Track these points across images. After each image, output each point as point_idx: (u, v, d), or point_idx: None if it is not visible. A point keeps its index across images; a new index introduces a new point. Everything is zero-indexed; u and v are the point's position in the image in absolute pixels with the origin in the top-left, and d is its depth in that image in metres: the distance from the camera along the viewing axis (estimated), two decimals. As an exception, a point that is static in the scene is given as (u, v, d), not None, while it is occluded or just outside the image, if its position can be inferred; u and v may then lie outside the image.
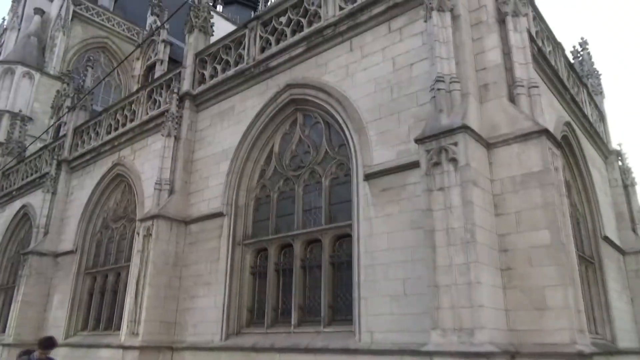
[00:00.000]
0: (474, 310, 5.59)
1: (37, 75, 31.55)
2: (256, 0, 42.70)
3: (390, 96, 8.21)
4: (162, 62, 15.50)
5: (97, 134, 15.72)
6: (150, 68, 16.49)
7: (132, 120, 14.35)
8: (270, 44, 10.75)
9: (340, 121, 8.88)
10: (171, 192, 11.21)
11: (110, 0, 39.42)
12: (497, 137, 6.74)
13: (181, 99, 12.04)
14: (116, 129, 14.96)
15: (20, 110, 24.85)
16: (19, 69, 31.18)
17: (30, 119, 25.13)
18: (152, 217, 10.70)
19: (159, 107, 13.39)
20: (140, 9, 41.20)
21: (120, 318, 12.39)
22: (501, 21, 7.49)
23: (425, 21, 7.55)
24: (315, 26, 9.73)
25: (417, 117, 7.76)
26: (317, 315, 8.43)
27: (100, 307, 13.52)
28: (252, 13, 40.90)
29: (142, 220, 10.96)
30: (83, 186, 15.60)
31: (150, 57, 16.28)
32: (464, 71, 6.99)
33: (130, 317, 10.20)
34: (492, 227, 6.30)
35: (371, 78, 8.61)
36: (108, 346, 11.77)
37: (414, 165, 7.42)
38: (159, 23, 16.39)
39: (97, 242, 14.70)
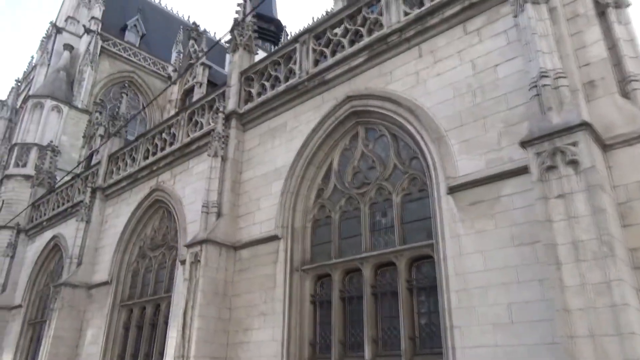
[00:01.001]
0: (624, 339, 4.60)
1: (65, 109, 31.74)
2: (277, 34, 43.18)
3: (472, 101, 7.44)
4: (201, 84, 15.08)
5: (134, 159, 15.19)
6: (188, 92, 16.08)
7: (171, 144, 13.79)
8: (325, 57, 10.15)
9: (413, 131, 8.10)
10: (219, 215, 10.45)
11: (136, 36, 40.17)
12: (614, 137, 5.87)
13: (227, 118, 11.44)
14: (154, 153, 14.41)
15: (51, 141, 24.64)
16: (48, 103, 31.41)
17: (59, 151, 24.85)
18: (201, 242, 9.91)
19: (201, 128, 12.82)
20: (165, 44, 41.92)
21: (160, 354, 11.48)
22: (601, 13, 6.74)
23: (515, 16, 6.85)
24: (377, 34, 9.11)
25: (507, 121, 6.96)
26: (396, 349, 7.44)
27: (138, 342, 12.60)
28: (273, 46, 41.24)
29: (189, 245, 10.16)
30: (118, 214, 14.96)
31: (188, 81, 15.87)
32: (568, 66, 6.20)
33: (178, 353, 9.27)
34: (623, 240, 5.36)
35: (447, 83, 7.87)
36: (149, 385, 10.80)
37: (510, 174, 6.61)
38: (196, 47, 16.08)
39: (133, 272, 13.92)
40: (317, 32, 10.58)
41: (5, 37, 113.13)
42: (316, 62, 10.34)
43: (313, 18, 37.90)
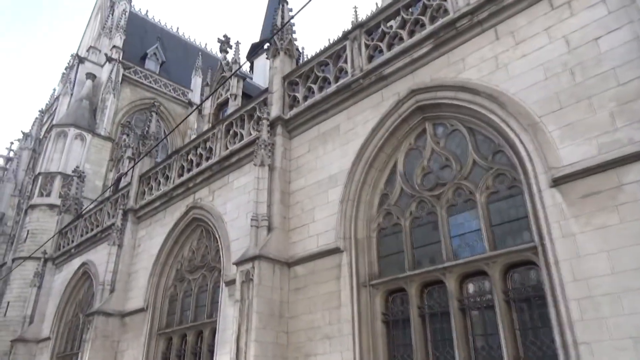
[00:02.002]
0: None
1: (88, 137, 31.52)
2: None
3: (571, 81, 6.48)
4: (235, 96, 14.39)
5: (167, 178, 14.42)
6: (222, 106, 15.39)
7: (208, 159, 13.00)
8: (381, 51, 9.33)
9: (496, 121, 7.14)
10: (269, 229, 9.51)
11: (156, 64, 40.34)
12: None
13: (271, 125, 10.61)
14: (189, 169, 13.62)
15: (77, 166, 24.15)
16: (72, 131, 31.23)
17: (85, 176, 24.32)
18: (252, 259, 8.95)
19: (241, 140, 12.02)
20: (184, 71, 41.99)
21: (206, 386, 10.42)
22: None
23: (623, -22, 5.93)
24: (443, 20, 8.27)
25: (619, 99, 5.98)
26: (497, 372, 6.31)
27: (180, 374, 11.56)
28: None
29: (239, 263, 9.20)
30: (152, 236, 14.11)
31: (221, 95, 15.20)
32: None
33: (233, 384, 8.21)
34: None
35: (536, 65, 6.94)
36: (196, 422, 9.72)
37: (632, 158, 5.59)
38: (228, 59, 15.47)
39: (170, 297, 12.96)
40: (369, 26, 9.79)
41: (26, 71, 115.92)
42: (370, 58, 9.52)
43: (329, 40, 37.51)
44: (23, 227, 29.18)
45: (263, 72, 36.35)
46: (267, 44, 11.90)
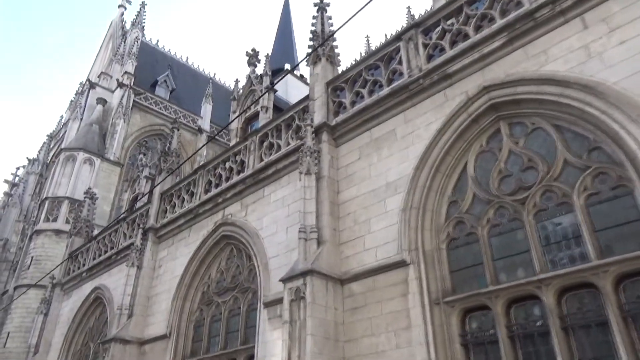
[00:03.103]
0: None
1: (97, 161, 30.84)
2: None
3: (688, 64, 5.74)
4: (267, 109, 13.70)
5: (192, 194, 13.55)
6: (250, 120, 14.69)
7: (239, 172, 12.17)
8: (442, 50, 8.65)
9: (595, 114, 6.37)
10: (318, 242, 8.58)
11: (166, 91, 40.18)
12: None
13: (316, 133, 9.83)
14: (217, 184, 12.79)
15: (89, 188, 23.28)
16: (80, 155, 30.54)
17: (97, 198, 23.41)
18: (303, 274, 7.99)
19: (278, 150, 11.23)
20: (193, 99, 41.82)
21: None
22: None
23: None
24: (518, 12, 7.61)
25: None
26: (619, 403, 5.29)
27: (208, 408, 10.37)
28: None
29: (287, 279, 8.23)
30: (175, 256, 13.12)
31: (250, 109, 14.53)
32: None
33: (284, 418, 7.11)
34: None
35: (637, 52, 6.21)
36: None
37: None
38: (257, 73, 14.89)
39: (196, 322, 11.87)
40: (427, 25, 9.16)
41: (33, 99, 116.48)
42: (429, 58, 8.84)
43: (367, 45, 37.44)
44: (27, 253, 28.09)
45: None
46: (310, 50, 11.23)
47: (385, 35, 32.04)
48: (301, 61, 10.28)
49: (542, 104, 7.09)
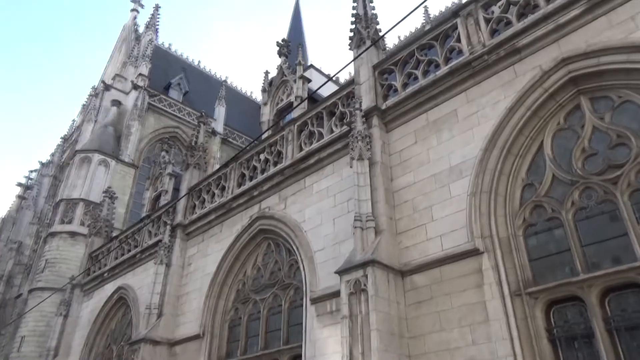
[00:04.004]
0: None
1: (112, 163, 30.46)
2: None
3: None
4: (301, 98, 13.11)
5: (223, 188, 12.96)
6: (281, 112, 14.13)
7: (276, 163, 11.57)
8: (508, 23, 8.04)
9: (702, 81, 5.71)
10: (376, 231, 7.94)
11: (179, 93, 39.92)
12: None
13: (365, 117, 9.22)
14: (252, 177, 12.19)
15: (109, 187, 22.79)
16: (96, 157, 30.15)
17: (116, 197, 22.90)
18: (363, 265, 7.34)
19: (320, 139, 10.62)
20: (206, 101, 41.44)
21: None
22: None
23: None
24: (598, -23, 6.99)
25: None
26: None
27: (249, 413, 9.70)
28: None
29: (344, 271, 7.58)
30: (206, 253, 12.51)
31: (282, 100, 13.98)
32: None
33: (349, 422, 6.43)
34: None
35: None
36: None
37: None
38: (288, 63, 14.34)
39: (231, 322, 11.21)
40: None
41: (43, 104, 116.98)
42: (493, 33, 8.22)
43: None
44: (41, 256, 27.55)
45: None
46: (351, 33, 10.65)
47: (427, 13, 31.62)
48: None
49: (630, 74, 6.46)
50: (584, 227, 6.42)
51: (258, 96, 50.61)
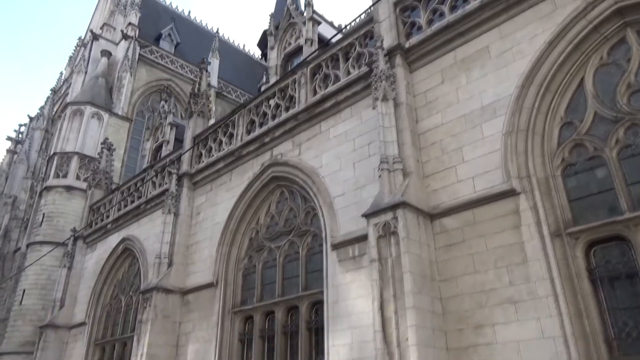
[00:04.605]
0: None
1: (105, 116, 29.63)
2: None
3: None
4: (312, 42, 12.50)
5: (231, 136, 12.53)
6: (289, 56, 13.52)
7: (288, 108, 11.12)
8: (547, -49, 7.48)
9: None
10: (404, 174, 7.65)
11: (171, 45, 38.52)
12: None
13: (387, 57, 8.73)
14: (262, 124, 11.75)
15: (106, 138, 22.26)
16: (88, 110, 29.26)
17: (114, 149, 22.36)
18: (393, 207, 7.09)
19: (336, 81, 10.14)
20: (199, 53, 40.04)
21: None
22: None
23: None
24: None
25: None
26: None
27: (269, 357, 9.69)
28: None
29: (371, 214, 7.34)
30: (215, 202, 12.22)
31: (290, 44, 13.35)
32: None
33: (382, 363, 6.35)
34: None
35: None
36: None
37: None
38: (295, 4, 13.58)
39: (244, 270, 11.07)
40: None
41: (29, 58, 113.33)
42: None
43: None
44: (38, 210, 27.14)
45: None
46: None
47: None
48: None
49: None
50: (629, 166, 6.17)
51: (252, 49, 49.23)
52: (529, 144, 6.85)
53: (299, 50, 13.28)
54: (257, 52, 46.14)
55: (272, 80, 13.51)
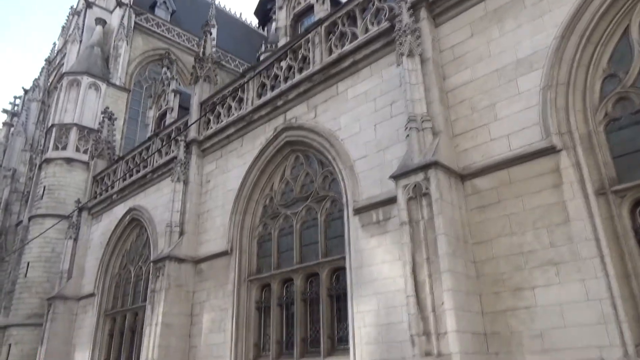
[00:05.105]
0: None
1: (103, 86, 28.90)
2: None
3: None
4: (323, 1, 11.91)
5: (241, 100, 12.07)
6: (299, 16, 12.92)
7: (302, 70, 10.63)
8: None
9: None
10: (433, 133, 7.27)
11: (166, 13, 37.43)
12: None
13: (412, 9, 8.23)
14: (274, 87, 11.28)
15: (107, 107, 21.71)
16: (85, 80, 28.51)
17: (116, 118, 21.82)
18: (424, 168, 6.75)
19: (353, 40, 9.64)
20: (195, 22, 38.93)
21: (340, 337, 8.40)
22: None
23: None
24: None
25: None
26: None
27: (287, 324, 9.51)
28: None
29: (400, 175, 7.00)
30: (226, 169, 11.85)
31: (299, 3, 12.74)
32: None
33: (416, 329, 6.12)
34: None
35: None
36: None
37: None
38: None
39: (259, 237, 10.78)
40: None
41: (21, 26, 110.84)
42: None
43: None
44: (38, 183, 26.70)
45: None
46: None
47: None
48: None
49: None
50: (681, 118, 5.81)
51: (249, 18, 47.96)
52: (570, 98, 6.46)
53: (309, 9, 12.67)
54: (254, 21, 44.99)
55: (282, 41, 12.93)
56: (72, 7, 40.99)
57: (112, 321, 14.49)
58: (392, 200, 7.79)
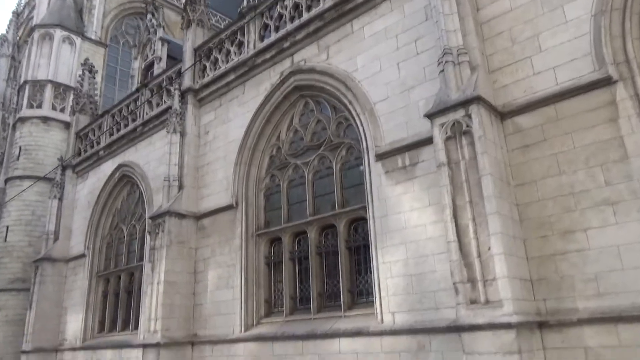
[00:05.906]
0: None
1: (77, 40, 27.14)
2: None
3: None
4: None
5: (241, 44, 11.17)
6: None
7: (310, 8, 9.78)
8: None
9: None
10: (471, 67, 6.65)
11: (144, -38, 35.04)
12: None
13: None
14: (278, 27, 10.41)
15: (87, 59, 20.38)
16: (58, 33, 26.70)
17: (97, 70, 20.50)
18: (464, 104, 6.17)
19: (369, -28, 8.80)
20: (175, -28, 36.76)
21: (363, 290, 7.99)
22: None
23: None
24: None
25: None
26: None
27: (302, 279, 9.04)
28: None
29: (435, 113, 6.40)
30: (227, 118, 11.07)
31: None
32: None
33: (460, 276, 5.68)
34: None
35: None
36: (357, 333, 7.31)
37: None
38: None
39: (266, 190, 10.16)
40: None
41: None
42: None
43: None
44: (13, 143, 25.25)
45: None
46: None
47: None
48: None
49: None
50: None
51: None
52: (627, 24, 5.89)
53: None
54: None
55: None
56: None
57: (106, 282, 13.84)
58: (420, 144, 7.28)
